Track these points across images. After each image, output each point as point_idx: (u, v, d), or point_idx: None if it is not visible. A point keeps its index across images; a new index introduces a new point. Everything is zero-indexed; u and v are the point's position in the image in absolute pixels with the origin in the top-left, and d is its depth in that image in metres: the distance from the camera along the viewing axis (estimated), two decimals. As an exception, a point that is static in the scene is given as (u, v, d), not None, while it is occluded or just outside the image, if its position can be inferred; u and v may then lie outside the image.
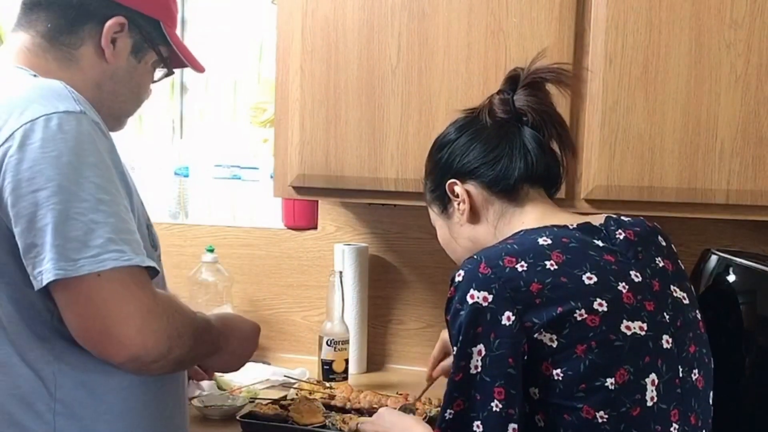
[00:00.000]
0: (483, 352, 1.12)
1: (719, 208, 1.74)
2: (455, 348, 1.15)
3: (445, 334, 1.68)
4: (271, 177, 2.06)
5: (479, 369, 1.12)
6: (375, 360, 2.31)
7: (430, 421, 1.71)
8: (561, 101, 1.55)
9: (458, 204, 1.33)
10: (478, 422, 1.11)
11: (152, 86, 1.47)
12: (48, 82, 1.22)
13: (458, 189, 1.32)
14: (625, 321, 1.14)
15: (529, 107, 1.30)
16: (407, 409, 1.72)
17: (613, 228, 1.25)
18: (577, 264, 1.16)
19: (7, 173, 1.13)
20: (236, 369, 1.49)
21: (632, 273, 1.19)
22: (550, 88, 1.34)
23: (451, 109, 1.84)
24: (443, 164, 1.35)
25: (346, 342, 2.13)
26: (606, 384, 1.11)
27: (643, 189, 1.75)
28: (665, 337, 1.17)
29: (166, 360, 1.19)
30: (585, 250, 1.18)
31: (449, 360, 1.65)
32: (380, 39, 1.88)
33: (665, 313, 1.19)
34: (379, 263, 2.30)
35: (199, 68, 1.51)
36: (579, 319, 1.12)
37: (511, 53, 1.79)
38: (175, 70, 1.48)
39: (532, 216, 1.28)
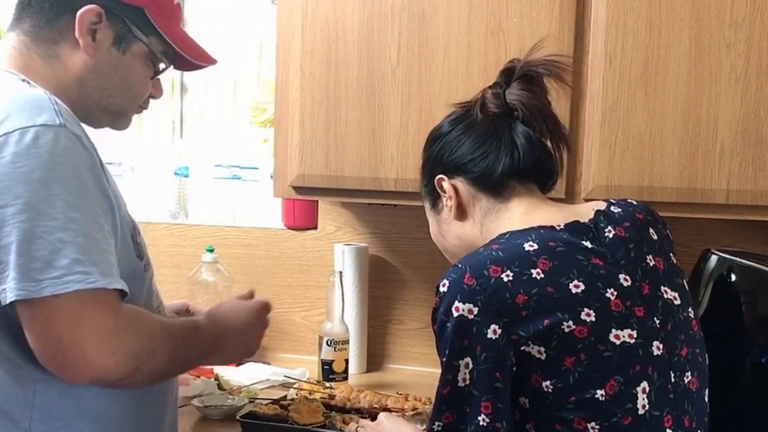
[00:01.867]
0: (470, 365, 1.10)
1: (719, 208, 1.74)
2: (443, 360, 1.13)
3: None
4: (271, 177, 2.06)
5: (467, 382, 1.11)
6: (375, 360, 2.31)
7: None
8: (562, 101, 1.56)
9: (446, 200, 1.31)
10: None
11: (161, 81, 1.41)
12: (32, 92, 1.19)
13: (446, 185, 1.30)
14: (614, 330, 1.12)
15: (519, 102, 1.27)
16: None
17: (602, 225, 1.22)
18: (564, 271, 1.13)
19: None
20: (249, 356, 1.47)
21: (621, 277, 1.17)
22: (551, 84, 1.32)
23: (451, 109, 1.84)
24: (434, 158, 1.34)
25: (346, 342, 2.13)
26: (596, 396, 1.10)
27: (643, 189, 1.75)
28: (655, 343, 1.16)
29: (135, 377, 1.17)
30: (572, 255, 1.16)
31: None
32: (380, 39, 1.88)
33: (655, 318, 1.17)
34: (379, 263, 2.30)
35: (203, 60, 1.42)
36: (567, 330, 1.10)
37: (511, 53, 1.79)
38: (179, 63, 1.40)
39: (518, 212, 1.25)
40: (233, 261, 2.39)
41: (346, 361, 2.12)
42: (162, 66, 1.38)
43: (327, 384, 1.98)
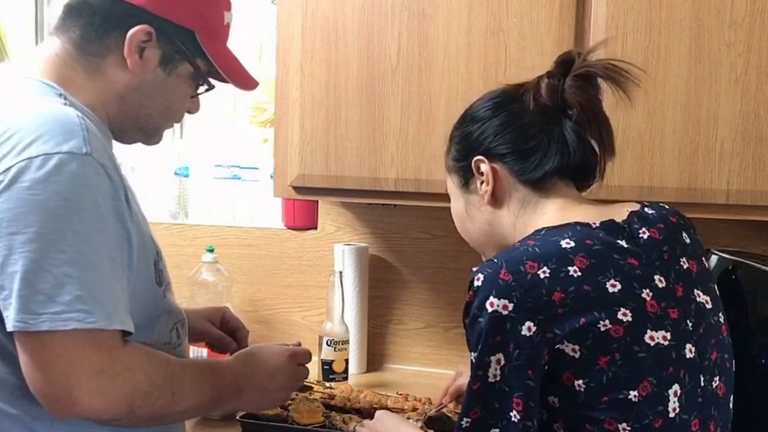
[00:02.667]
0: (502, 362, 1.08)
1: (719, 208, 1.74)
2: (473, 355, 1.11)
3: (460, 371, 1.70)
4: (271, 177, 2.06)
5: (498, 378, 1.09)
6: (375, 360, 2.31)
7: (429, 420, 1.71)
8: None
9: (481, 183, 1.26)
10: (497, 430, 1.09)
11: (199, 99, 1.40)
12: (64, 114, 1.15)
13: (485, 167, 1.25)
14: (649, 331, 1.11)
15: (577, 102, 1.23)
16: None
17: (636, 226, 1.20)
18: (600, 269, 1.12)
19: None
20: (276, 405, 1.42)
21: (656, 278, 1.15)
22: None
23: (451, 109, 1.84)
24: (473, 139, 1.28)
25: (346, 342, 2.13)
26: (629, 397, 1.08)
27: (643, 189, 1.74)
28: (688, 346, 1.14)
29: (130, 419, 1.15)
30: (609, 253, 1.14)
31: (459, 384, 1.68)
32: (380, 39, 1.88)
33: (688, 321, 1.16)
34: (379, 263, 2.30)
35: (245, 85, 1.40)
36: (603, 329, 1.08)
37: (511, 53, 1.80)
38: (218, 83, 1.39)
39: (554, 207, 1.23)
40: (233, 261, 2.38)
41: (346, 361, 2.12)
42: (204, 86, 1.37)
43: (327, 384, 1.98)
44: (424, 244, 2.27)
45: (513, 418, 1.08)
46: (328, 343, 2.10)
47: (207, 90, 1.37)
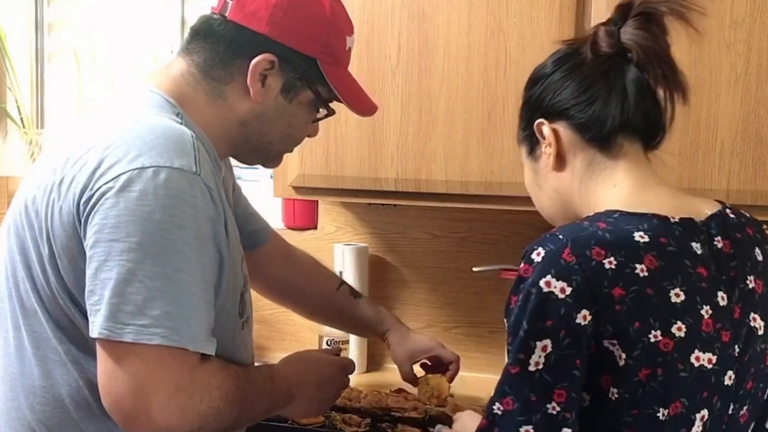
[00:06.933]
0: (548, 349, 1.00)
1: (719, 208, 1.74)
2: (516, 335, 1.02)
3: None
4: (271, 177, 2.06)
5: (540, 366, 1.00)
6: (375, 360, 2.31)
7: (429, 419, 1.71)
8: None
9: (545, 147, 1.19)
10: (529, 427, 1.01)
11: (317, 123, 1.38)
12: (179, 132, 1.17)
13: (546, 130, 1.17)
14: (696, 351, 1.04)
15: (635, 42, 1.14)
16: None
17: (713, 231, 1.13)
18: (668, 275, 1.05)
19: (98, 213, 1.10)
20: (320, 413, 1.44)
21: (719, 294, 1.08)
22: (673, 26, 1.19)
23: (451, 109, 1.84)
24: (534, 100, 1.21)
25: (346, 342, 2.13)
26: (658, 414, 1.03)
27: (643, 189, 1.74)
28: (729, 372, 1.08)
29: None
30: (681, 258, 1.07)
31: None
32: (380, 39, 1.88)
33: (737, 346, 1.10)
34: (379, 263, 2.30)
35: (365, 111, 1.39)
36: (653, 340, 1.02)
37: (511, 53, 1.80)
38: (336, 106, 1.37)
39: (627, 184, 1.14)
40: (233, 261, 2.38)
41: (346, 361, 2.12)
42: (325, 111, 1.36)
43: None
44: (424, 244, 2.27)
45: (551, 410, 1.00)
46: (328, 342, 2.10)
47: (327, 115, 1.37)
